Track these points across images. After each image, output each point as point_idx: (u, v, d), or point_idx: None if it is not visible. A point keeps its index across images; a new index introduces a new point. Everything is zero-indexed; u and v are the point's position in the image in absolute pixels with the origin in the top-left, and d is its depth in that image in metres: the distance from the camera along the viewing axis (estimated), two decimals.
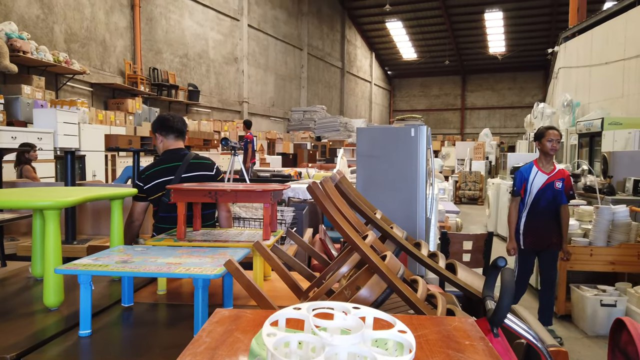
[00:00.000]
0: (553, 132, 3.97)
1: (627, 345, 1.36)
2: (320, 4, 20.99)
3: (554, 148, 3.97)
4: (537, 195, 4.02)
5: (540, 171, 4.05)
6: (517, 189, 4.10)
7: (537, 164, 4.10)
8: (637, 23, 9.16)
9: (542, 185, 4.01)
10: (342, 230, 1.51)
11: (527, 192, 4.06)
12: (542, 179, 4.03)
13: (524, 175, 4.08)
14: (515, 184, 4.11)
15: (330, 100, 22.36)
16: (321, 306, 0.78)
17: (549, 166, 4.07)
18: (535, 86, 27.49)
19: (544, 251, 4.09)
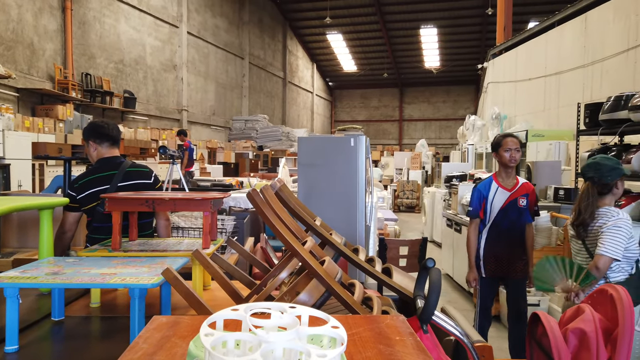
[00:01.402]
0: (511, 140, 3.41)
1: (542, 337, 1.48)
2: (261, 14, 21.04)
3: (514, 159, 3.38)
4: (499, 216, 3.42)
5: (501, 187, 3.43)
6: (475, 210, 3.50)
7: (497, 179, 3.48)
8: (556, 43, 9.94)
9: (504, 204, 3.40)
10: (282, 236, 1.54)
11: (487, 212, 3.46)
12: (503, 196, 3.42)
13: (482, 193, 3.48)
14: (473, 203, 3.51)
15: (273, 110, 22.37)
16: (258, 307, 0.81)
17: (511, 180, 3.47)
18: (468, 99, 28.94)
19: (508, 280, 3.52)
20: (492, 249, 3.47)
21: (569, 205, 5.22)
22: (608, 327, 1.45)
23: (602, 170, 2.59)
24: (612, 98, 4.08)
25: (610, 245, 2.46)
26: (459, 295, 5.85)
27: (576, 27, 9.22)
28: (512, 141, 3.43)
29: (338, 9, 22.02)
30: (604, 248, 2.48)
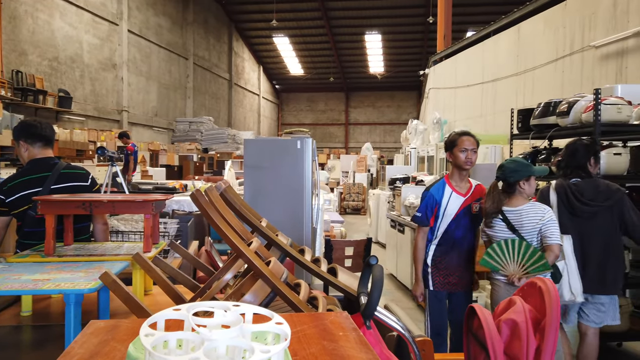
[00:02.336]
0: (467, 139, 3.01)
1: (478, 330, 1.56)
2: (206, 15, 20.67)
3: (470, 160, 2.99)
4: (452, 224, 3.03)
5: (455, 192, 3.04)
6: (425, 216, 3.07)
7: (450, 182, 3.08)
8: (491, 52, 10.46)
9: (458, 211, 3.02)
10: (227, 238, 1.53)
11: (439, 219, 3.05)
12: (457, 202, 3.03)
13: (434, 198, 3.05)
14: (421, 208, 3.08)
15: (218, 112, 22.01)
16: (201, 306, 0.80)
17: (464, 184, 3.08)
18: (411, 104, 29.81)
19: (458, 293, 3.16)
20: (443, 260, 3.08)
21: None
22: (537, 317, 1.55)
23: (505, 172, 2.87)
24: (541, 104, 4.34)
25: (557, 234, 2.77)
26: (403, 294, 6.01)
27: (510, 37, 9.75)
28: (468, 140, 3.01)
29: (284, 12, 22.05)
30: (554, 237, 2.74)
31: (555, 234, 2.75)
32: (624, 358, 3.82)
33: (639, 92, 4.05)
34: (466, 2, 19.21)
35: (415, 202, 6.18)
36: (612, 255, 3.03)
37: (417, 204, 6.17)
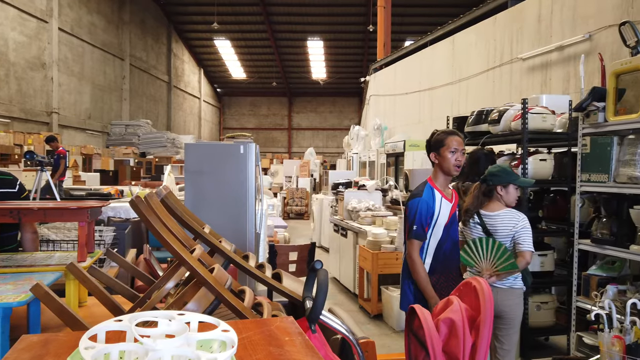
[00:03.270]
0: (456, 139, 2.70)
1: (419, 329, 1.62)
2: (143, 15, 20.00)
3: (460, 163, 2.71)
4: (444, 236, 2.75)
5: (445, 198, 2.74)
6: (421, 228, 2.68)
7: (438, 188, 2.73)
8: (429, 61, 10.88)
9: (448, 220, 2.74)
10: (168, 245, 1.49)
11: (431, 230, 2.72)
12: (446, 209, 2.74)
13: (429, 205, 2.68)
14: (417, 219, 2.67)
15: (157, 115, 21.31)
16: (144, 316, 0.78)
17: (449, 189, 2.83)
18: (352, 110, 30.34)
19: None
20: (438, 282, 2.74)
21: None
22: (472, 315, 1.63)
23: (487, 175, 2.99)
24: (475, 112, 4.58)
25: (529, 241, 2.89)
26: (346, 297, 6.09)
27: (446, 48, 10.19)
28: (457, 140, 2.70)
29: (226, 15, 21.77)
30: (526, 245, 2.85)
31: (528, 241, 2.87)
32: (550, 351, 4.08)
33: (562, 102, 4.37)
34: (404, 13, 19.86)
35: (358, 207, 6.30)
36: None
37: (360, 208, 6.33)
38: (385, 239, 5.25)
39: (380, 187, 6.93)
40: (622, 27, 3.29)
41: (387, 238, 5.28)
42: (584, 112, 3.37)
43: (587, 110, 3.32)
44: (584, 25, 6.34)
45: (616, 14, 5.78)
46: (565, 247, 4.38)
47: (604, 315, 2.46)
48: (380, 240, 5.20)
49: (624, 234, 3.16)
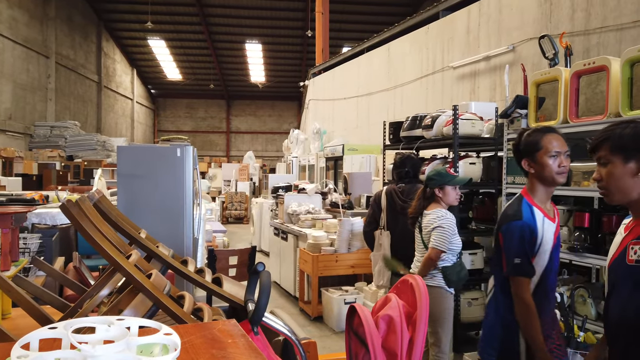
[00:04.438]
0: (556, 139, 2.08)
1: (359, 327, 1.66)
2: (70, 11, 18.95)
3: (564, 170, 2.07)
4: (548, 265, 2.07)
5: (547, 217, 2.09)
6: (527, 259, 2.01)
7: (537, 205, 2.09)
8: (366, 68, 11.15)
9: (553, 244, 2.09)
10: (103, 250, 1.44)
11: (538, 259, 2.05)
12: (551, 231, 2.08)
13: (532, 229, 2.02)
14: (517, 251, 2.01)
15: (85, 116, 20.23)
16: (81, 322, 0.75)
17: (550, 206, 2.16)
18: (292, 114, 30.39)
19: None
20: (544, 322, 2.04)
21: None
22: (409, 311, 1.70)
23: (425, 179, 3.23)
24: (409, 118, 4.76)
25: (439, 240, 3.06)
26: (286, 300, 6.09)
27: (382, 55, 10.49)
28: (557, 140, 2.07)
29: (160, 14, 21.09)
30: (434, 243, 3.06)
31: (437, 239, 3.07)
32: None
33: (489, 109, 4.64)
34: (342, 20, 20.22)
35: (298, 210, 6.32)
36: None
37: (300, 211, 6.36)
38: (325, 242, 5.31)
39: (320, 190, 7.01)
40: (542, 40, 3.56)
41: (327, 241, 5.35)
42: (508, 118, 3.60)
43: (511, 117, 3.55)
44: (508, 37, 6.78)
45: (536, 27, 6.23)
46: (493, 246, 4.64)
47: None
48: (321, 242, 5.25)
49: None
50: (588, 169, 2.95)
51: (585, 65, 2.97)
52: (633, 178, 1.56)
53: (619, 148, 1.57)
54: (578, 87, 3.04)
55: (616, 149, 1.58)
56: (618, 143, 1.58)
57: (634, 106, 2.68)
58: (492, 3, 7.13)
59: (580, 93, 3.03)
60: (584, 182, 2.94)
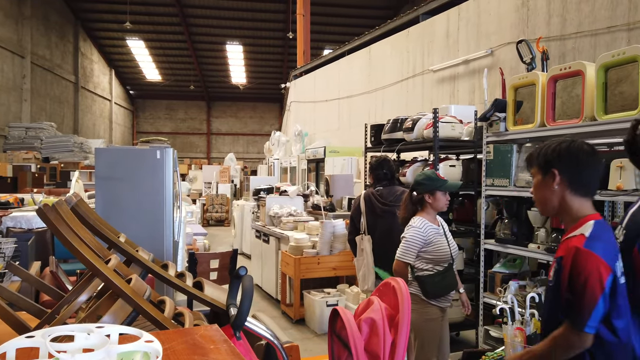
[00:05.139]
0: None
1: (341, 330, 1.66)
2: (47, 10, 18.56)
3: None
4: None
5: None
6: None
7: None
8: (347, 70, 11.19)
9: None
10: (81, 255, 1.41)
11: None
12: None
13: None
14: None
15: (62, 117, 19.83)
16: (59, 330, 0.74)
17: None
18: (273, 116, 30.30)
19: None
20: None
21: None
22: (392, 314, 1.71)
23: (413, 184, 3.04)
24: (390, 121, 4.79)
25: (401, 251, 2.94)
26: (268, 303, 6.06)
27: (363, 58, 10.55)
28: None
29: (139, 14, 20.82)
30: (398, 253, 2.96)
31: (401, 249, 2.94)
32: (461, 346, 4.34)
33: (468, 112, 4.71)
34: (323, 22, 20.26)
35: (280, 212, 6.30)
36: None
37: (282, 213, 6.34)
38: (307, 244, 5.31)
39: (301, 192, 7.00)
40: (519, 45, 3.63)
41: (309, 243, 5.34)
42: (487, 121, 3.66)
43: (490, 120, 3.61)
44: (486, 42, 6.88)
45: (514, 32, 6.34)
46: (473, 247, 4.71)
47: (507, 309, 2.68)
48: (302, 245, 5.25)
49: (523, 233, 3.47)
50: None
51: (562, 70, 3.04)
52: (551, 189, 1.69)
53: (540, 163, 1.74)
54: (554, 91, 3.10)
55: (538, 165, 1.75)
56: (539, 159, 1.74)
57: (608, 110, 2.75)
58: (471, 8, 7.24)
59: (557, 97, 3.09)
60: None
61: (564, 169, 1.68)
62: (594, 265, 1.54)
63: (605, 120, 2.72)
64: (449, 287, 3.00)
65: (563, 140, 1.74)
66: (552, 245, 3.06)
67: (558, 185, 1.68)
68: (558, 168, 1.68)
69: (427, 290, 2.93)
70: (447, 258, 2.99)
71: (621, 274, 1.61)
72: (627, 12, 4.96)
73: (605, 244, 1.58)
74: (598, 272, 1.53)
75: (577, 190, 1.68)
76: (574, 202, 1.68)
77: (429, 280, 2.93)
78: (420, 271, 2.98)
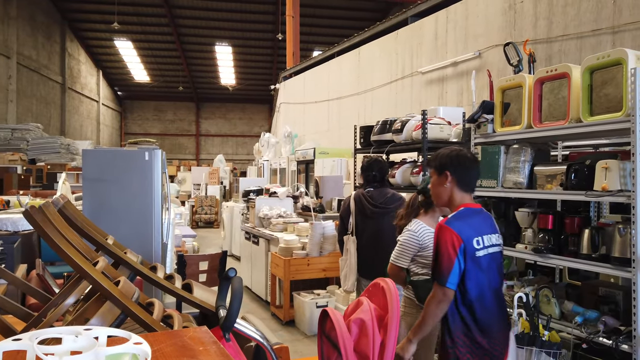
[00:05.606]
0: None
1: (331, 331, 1.67)
2: (33, 10, 18.35)
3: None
4: None
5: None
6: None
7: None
8: (336, 72, 11.22)
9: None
10: (68, 257, 1.40)
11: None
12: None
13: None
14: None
15: (49, 119, 19.60)
16: (47, 333, 0.73)
17: None
18: (262, 117, 30.24)
19: None
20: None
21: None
22: (381, 314, 1.71)
23: (425, 186, 2.81)
24: (380, 122, 4.81)
25: (396, 254, 2.86)
26: (258, 305, 6.05)
27: (352, 59, 10.58)
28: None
29: (127, 15, 20.66)
30: (392, 256, 2.87)
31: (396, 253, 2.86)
32: None
33: (456, 113, 4.74)
34: (312, 24, 20.28)
35: (269, 214, 6.29)
36: None
37: (271, 215, 6.33)
38: (297, 246, 5.31)
39: (291, 194, 7.00)
40: (507, 47, 3.66)
41: (298, 244, 5.34)
42: (475, 123, 3.68)
43: (478, 121, 3.63)
44: (474, 44, 6.95)
45: (501, 34, 6.41)
46: None
47: None
48: (292, 246, 5.24)
49: (511, 234, 3.50)
50: (551, 172, 3.05)
51: (548, 72, 3.08)
52: (443, 187, 2.25)
53: (435, 166, 2.29)
54: (541, 93, 3.14)
55: (434, 167, 2.30)
56: (435, 163, 2.29)
57: (593, 112, 2.78)
58: (459, 10, 7.30)
59: (543, 99, 3.13)
60: (547, 185, 3.03)
61: (454, 171, 2.22)
62: (448, 236, 2.08)
63: (590, 122, 2.76)
64: None
65: (453, 149, 2.31)
66: (539, 246, 3.09)
67: (449, 183, 2.23)
68: (449, 170, 2.22)
69: (421, 296, 2.83)
70: None
71: (482, 248, 2.14)
72: (612, 16, 5.04)
73: (462, 222, 2.14)
74: (452, 241, 2.07)
75: (462, 187, 2.24)
76: (457, 196, 2.24)
77: (423, 285, 2.84)
78: (415, 275, 2.91)
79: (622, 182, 2.62)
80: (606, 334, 2.65)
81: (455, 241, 2.07)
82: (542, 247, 3.07)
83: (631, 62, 2.57)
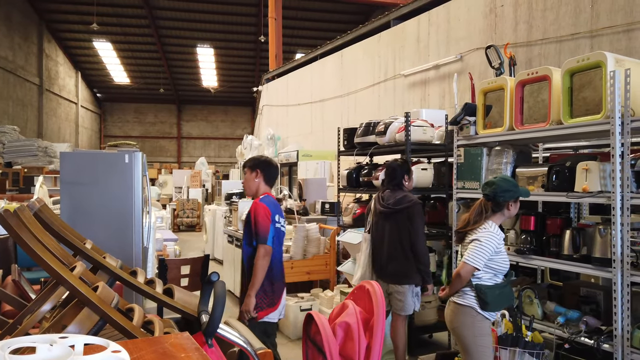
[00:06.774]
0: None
1: (316, 335, 1.64)
2: (9, 10, 17.96)
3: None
4: None
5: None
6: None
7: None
8: (319, 74, 11.22)
9: None
10: (44, 262, 1.35)
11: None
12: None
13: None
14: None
15: (25, 121, 19.18)
16: (20, 342, 0.69)
17: None
18: (245, 120, 30.09)
19: None
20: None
21: (334, 217, 5.90)
22: (366, 317, 1.70)
23: (497, 190, 2.67)
24: (363, 124, 4.81)
25: (471, 254, 2.62)
26: None
27: (335, 62, 10.59)
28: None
29: (106, 16, 20.37)
30: (467, 257, 2.63)
31: (470, 255, 2.63)
32: (434, 347, 4.38)
33: (439, 116, 4.77)
34: (295, 26, 20.26)
35: None
36: (401, 252, 3.57)
37: None
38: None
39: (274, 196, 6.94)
40: (488, 50, 3.70)
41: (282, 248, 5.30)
42: (458, 125, 3.71)
43: (460, 124, 3.66)
44: (456, 47, 7.01)
45: (482, 38, 6.48)
46: (445, 249, 4.76)
47: None
48: None
49: None
50: (533, 174, 3.08)
51: (529, 75, 3.11)
52: (254, 181, 3.16)
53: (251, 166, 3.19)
54: (522, 96, 3.17)
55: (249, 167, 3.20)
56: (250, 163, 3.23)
57: (573, 114, 2.82)
58: (441, 14, 7.36)
59: (525, 101, 3.16)
60: (529, 187, 3.06)
61: (262, 170, 3.16)
62: (264, 209, 3.01)
63: (570, 124, 2.80)
64: (508, 301, 2.75)
65: (262, 155, 3.37)
66: (522, 247, 3.12)
67: (258, 178, 3.15)
68: (260, 169, 3.16)
69: (486, 301, 2.62)
70: (507, 269, 2.77)
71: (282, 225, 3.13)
72: (590, 20, 5.14)
73: (267, 203, 3.05)
74: (267, 213, 3.00)
75: (267, 182, 3.18)
76: (262, 187, 3.17)
77: (490, 291, 2.63)
78: (479, 280, 2.68)
79: (602, 183, 2.66)
80: (588, 333, 2.68)
81: (268, 213, 3.02)
82: (524, 249, 3.10)
83: (610, 64, 2.62)
